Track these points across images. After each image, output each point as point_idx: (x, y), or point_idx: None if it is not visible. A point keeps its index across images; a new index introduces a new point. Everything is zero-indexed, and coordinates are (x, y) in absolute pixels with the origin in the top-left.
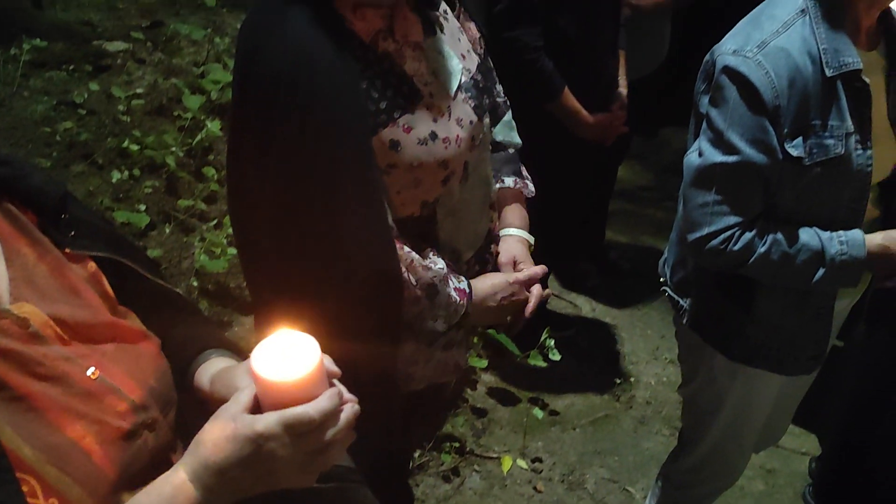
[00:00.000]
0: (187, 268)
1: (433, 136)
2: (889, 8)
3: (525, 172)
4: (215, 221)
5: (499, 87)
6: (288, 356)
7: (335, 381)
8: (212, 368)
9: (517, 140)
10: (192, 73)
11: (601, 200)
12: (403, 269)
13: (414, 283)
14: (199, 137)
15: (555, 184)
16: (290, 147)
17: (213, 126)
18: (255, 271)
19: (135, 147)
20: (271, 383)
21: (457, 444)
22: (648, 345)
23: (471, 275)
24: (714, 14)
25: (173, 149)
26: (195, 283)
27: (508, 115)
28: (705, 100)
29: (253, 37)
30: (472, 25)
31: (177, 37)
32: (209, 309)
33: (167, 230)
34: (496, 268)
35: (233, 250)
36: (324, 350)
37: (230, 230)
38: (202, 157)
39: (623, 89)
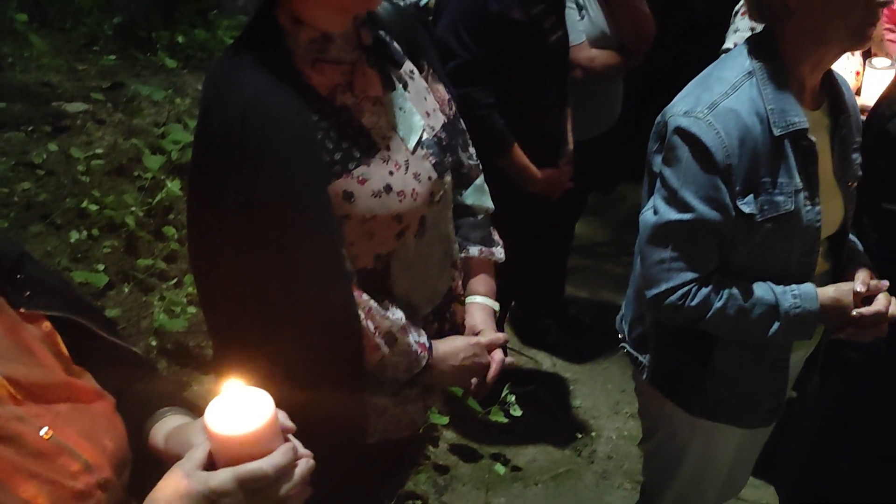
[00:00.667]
0: (146, 327)
1: (388, 188)
2: (831, 69)
3: (495, 237)
4: (175, 280)
5: (471, 150)
6: (242, 411)
7: (290, 436)
8: (167, 426)
9: (489, 204)
10: (153, 134)
11: (559, 256)
12: (363, 317)
13: (373, 330)
14: (159, 197)
15: (507, 240)
16: (244, 197)
17: (174, 185)
18: (217, 325)
19: (94, 207)
20: (225, 438)
21: (419, 502)
22: (609, 399)
23: (429, 332)
24: (666, 75)
25: (133, 208)
26: (154, 343)
27: (481, 179)
28: (658, 159)
29: (210, 90)
30: (440, 87)
31: (137, 98)
32: (168, 369)
33: (126, 290)
34: (458, 330)
35: (193, 309)
36: (285, 401)
37: (190, 289)
38: (162, 216)
39: (570, 146)
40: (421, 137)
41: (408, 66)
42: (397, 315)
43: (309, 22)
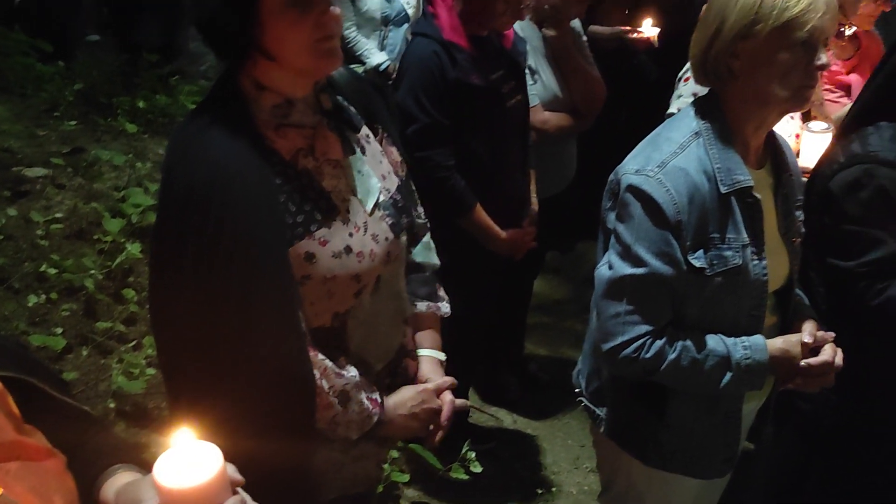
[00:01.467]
0: (104, 390)
1: (348, 250)
2: (773, 131)
3: (441, 293)
4: (134, 343)
5: (420, 209)
6: (191, 465)
7: (238, 490)
8: (118, 483)
9: (435, 261)
10: (113, 198)
11: (519, 314)
12: (317, 375)
13: (327, 389)
14: (118, 260)
15: (469, 298)
16: (206, 258)
17: (134, 248)
18: (175, 383)
19: (52, 271)
20: (174, 492)
21: None
22: (569, 454)
23: (381, 387)
24: (619, 136)
25: (92, 271)
26: (112, 405)
27: (428, 237)
28: (612, 216)
29: (173, 152)
30: (393, 150)
31: (98, 162)
32: (127, 430)
33: (84, 353)
34: (409, 383)
35: (152, 370)
36: (238, 455)
37: (150, 350)
38: (122, 279)
39: (534, 206)
40: (378, 199)
41: (364, 130)
42: (352, 373)
43: (272, 87)
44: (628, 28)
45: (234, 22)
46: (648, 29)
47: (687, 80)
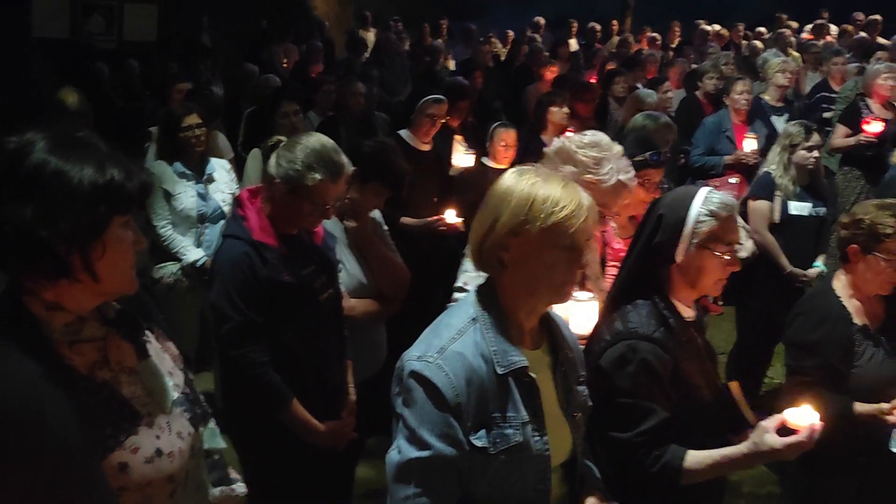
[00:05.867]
0: None
1: (159, 452)
2: (548, 311)
3: (233, 475)
4: None
5: (201, 396)
6: None
7: None
8: None
9: (222, 444)
10: None
11: (339, 501)
12: None
13: None
14: None
15: (282, 489)
16: (25, 483)
17: None
18: None
19: None
20: None
21: None
22: None
23: None
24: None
25: None
26: None
27: (212, 422)
28: (399, 401)
29: None
30: (170, 345)
31: None
32: None
33: None
34: None
35: None
36: None
37: None
38: None
39: (352, 396)
40: (173, 397)
41: (145, 332)
42: None
43: (67, 307)
44: (435, 218)
45: (81, 240)
46: (451, 217)
47: None
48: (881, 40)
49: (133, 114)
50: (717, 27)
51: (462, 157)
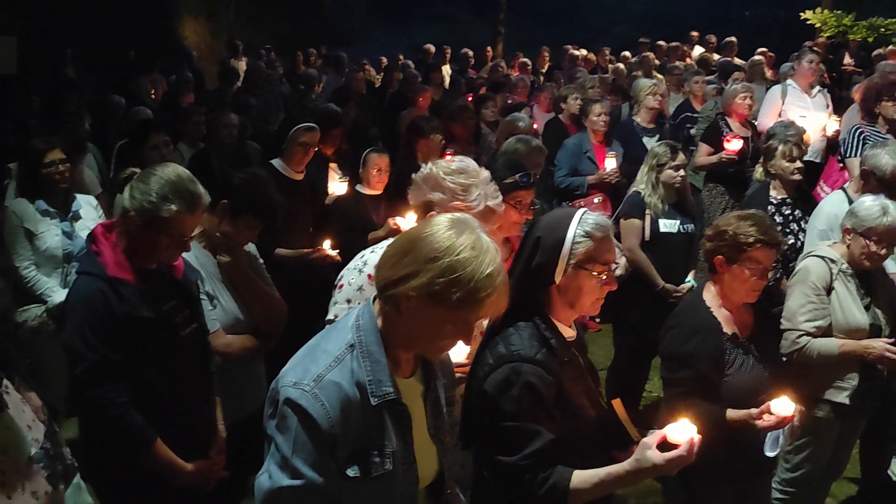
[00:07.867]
0: None
1: None
2: None
3: None
4: None
5: (66, 449)
6: None
7: None
8: None
9: (88, 501)
10: None
11: None
12: None
13: None
14: None
15: None
16: None
17: None
18: None
19: None
20: None
21: None
22: None
23: None
24: None
25: None
26: None
27: (78, 477)
28: (272, 424)
29: None
30: (33, 395)
31: None
32: None
33: None
34: None
35: None
36: None
37: None
38: None
39: (222, 433)
40: (30, 454)
41: (4, 382)
42: None
43: None
44: (310, 250)
45: None
46: (328, 248)
47: (341, 287)
48: (738, 61)
49: None
50: (584, 51)
51: (337, 185)
